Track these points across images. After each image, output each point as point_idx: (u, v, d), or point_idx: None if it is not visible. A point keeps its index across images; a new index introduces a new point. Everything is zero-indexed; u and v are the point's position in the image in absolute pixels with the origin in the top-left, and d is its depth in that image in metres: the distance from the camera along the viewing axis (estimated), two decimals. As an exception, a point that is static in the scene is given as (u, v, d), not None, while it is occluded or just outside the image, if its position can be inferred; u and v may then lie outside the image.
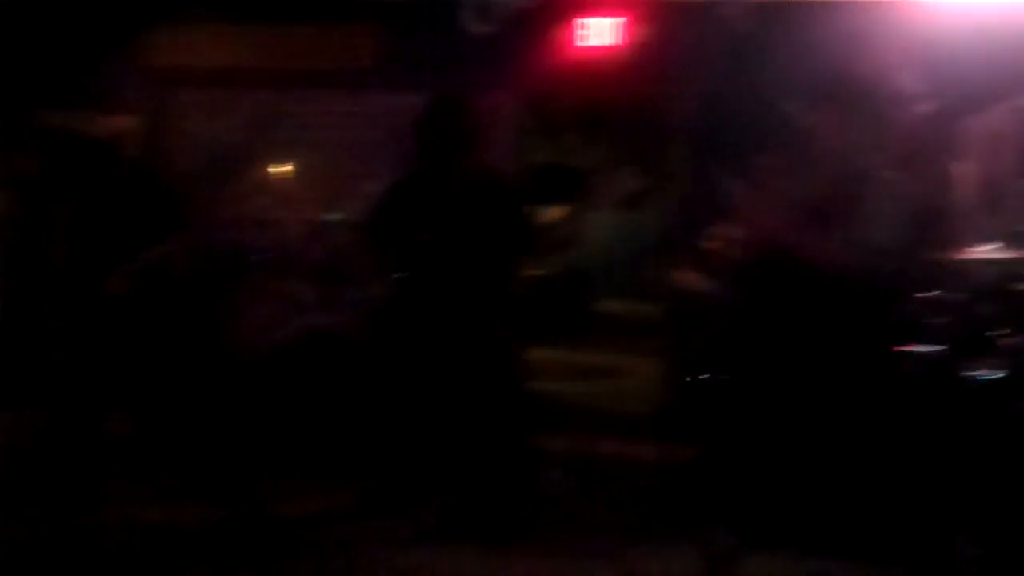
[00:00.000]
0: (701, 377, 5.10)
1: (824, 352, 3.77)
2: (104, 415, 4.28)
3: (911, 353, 4.02)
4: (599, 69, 6.25)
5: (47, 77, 6.85)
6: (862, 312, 3.68)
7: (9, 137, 6.95)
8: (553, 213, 4.49)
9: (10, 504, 4.32)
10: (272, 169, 6.90)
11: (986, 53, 5.50)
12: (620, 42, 6.24)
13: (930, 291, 4.18)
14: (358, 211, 6.25)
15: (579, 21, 6.21)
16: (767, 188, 5.01)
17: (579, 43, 6.26)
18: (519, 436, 4.61)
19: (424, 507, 4.50)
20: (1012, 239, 4.47)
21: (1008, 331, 4.19)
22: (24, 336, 4.31)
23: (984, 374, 4.23)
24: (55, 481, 4.26)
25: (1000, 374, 4.08)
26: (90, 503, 4.24)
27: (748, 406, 4.61)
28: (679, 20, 6.16)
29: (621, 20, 6.23)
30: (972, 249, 4.81)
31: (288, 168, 6.83)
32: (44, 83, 6.87)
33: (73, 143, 6.35)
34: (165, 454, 4.58)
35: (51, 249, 4.25)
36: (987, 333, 4.49)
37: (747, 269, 4.80)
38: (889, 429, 3.74)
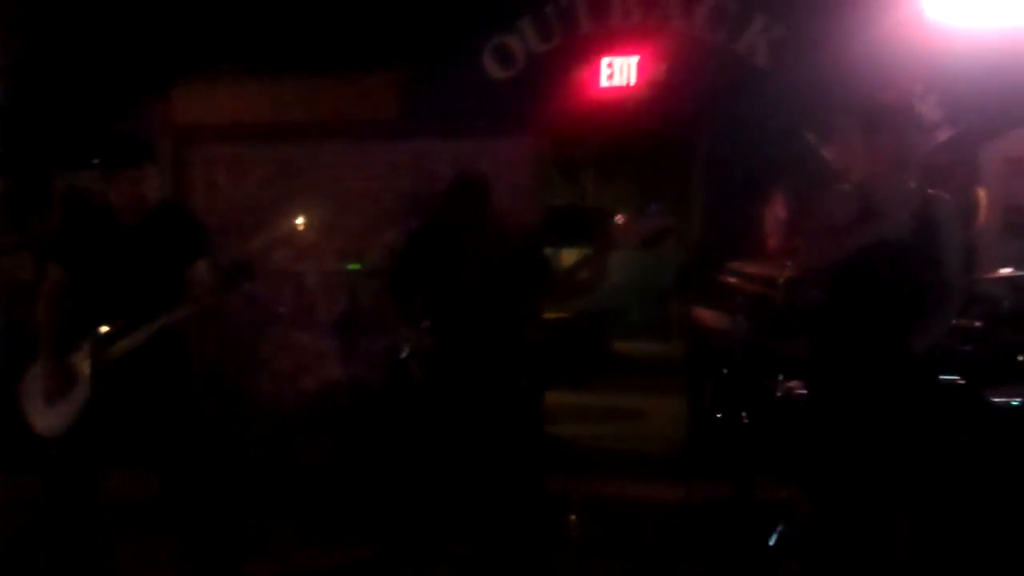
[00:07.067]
0: (720, 415, 5.07)
1: (851, 381, 3.70)
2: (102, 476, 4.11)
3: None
4: (621, 108, 6.26)
5: (67, 138, 6.91)
6: (899, 335, 3.61)
7: (31, 199, 6.99)
8: (573, 255, 4.49)
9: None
10: (293, 221, 6.89)
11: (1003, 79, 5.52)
12: (640, 81, 6.26)
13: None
14: (378, 261, 6.27)
15: (604, 60, 6.23)
16: (792, 221, 5.01)
17: (602, 83, 6.27)
18: (539, 482, 4.56)
19: (444, 558, 4.45)
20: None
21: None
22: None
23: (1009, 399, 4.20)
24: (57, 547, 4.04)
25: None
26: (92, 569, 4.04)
27: (766, 443, 4.57)
28: (698, 56, 6.18)
29: (639, 59, 6.25)
30: (994, 273, 4.80)
31: (309, 219, 6.83)
32: (64, 144, 6.92)
33: (93, 202, 6.35)
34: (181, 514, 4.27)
35: (70, 310, 4.11)
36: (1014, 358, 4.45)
37: (767, 304, 4.78)
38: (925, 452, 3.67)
